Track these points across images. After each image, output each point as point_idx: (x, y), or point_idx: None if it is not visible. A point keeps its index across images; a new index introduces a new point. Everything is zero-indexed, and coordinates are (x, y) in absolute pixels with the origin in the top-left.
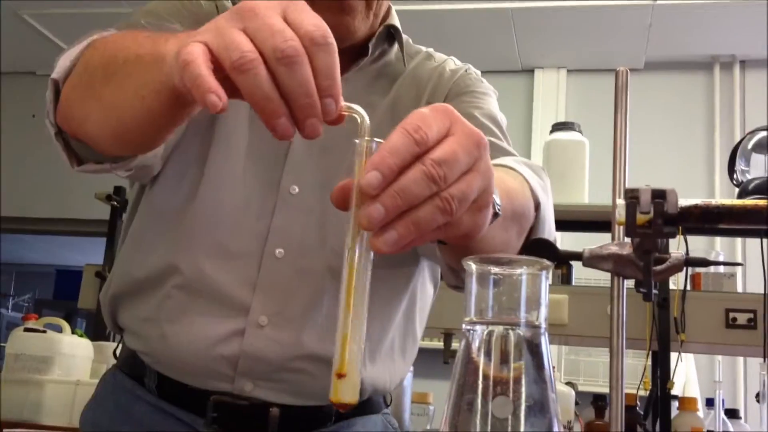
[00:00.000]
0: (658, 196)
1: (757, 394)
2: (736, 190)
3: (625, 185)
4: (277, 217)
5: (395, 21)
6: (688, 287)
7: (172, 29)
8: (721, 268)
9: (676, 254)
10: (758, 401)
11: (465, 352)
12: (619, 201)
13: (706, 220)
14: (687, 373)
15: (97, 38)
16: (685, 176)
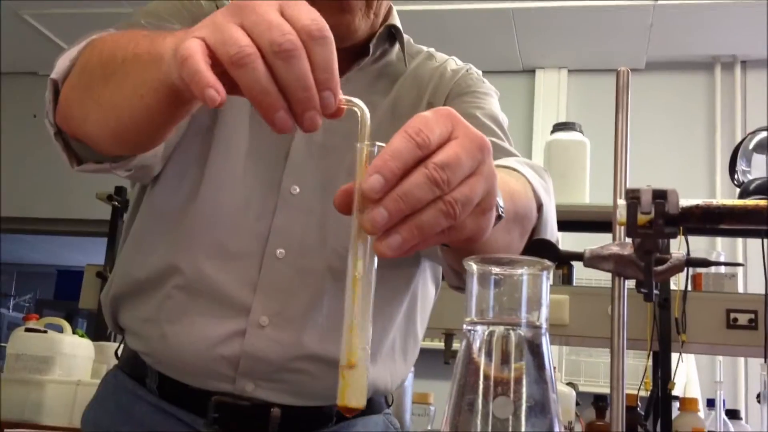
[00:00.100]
0: (659, 197)
1: (758, 395)
2: (737, 191)
3: (626, 185)
4: (277, 218)
5: (396, 21)
6: (689, 287)
7: (172, 29)
8: (722, 269)
9: (677, 254)
10: (759, 402)
11: (466, 353)
12: (620, 201)
13: (707, 220)
14: (688, 374)
15: (96, 38)
16: (686, 176)
